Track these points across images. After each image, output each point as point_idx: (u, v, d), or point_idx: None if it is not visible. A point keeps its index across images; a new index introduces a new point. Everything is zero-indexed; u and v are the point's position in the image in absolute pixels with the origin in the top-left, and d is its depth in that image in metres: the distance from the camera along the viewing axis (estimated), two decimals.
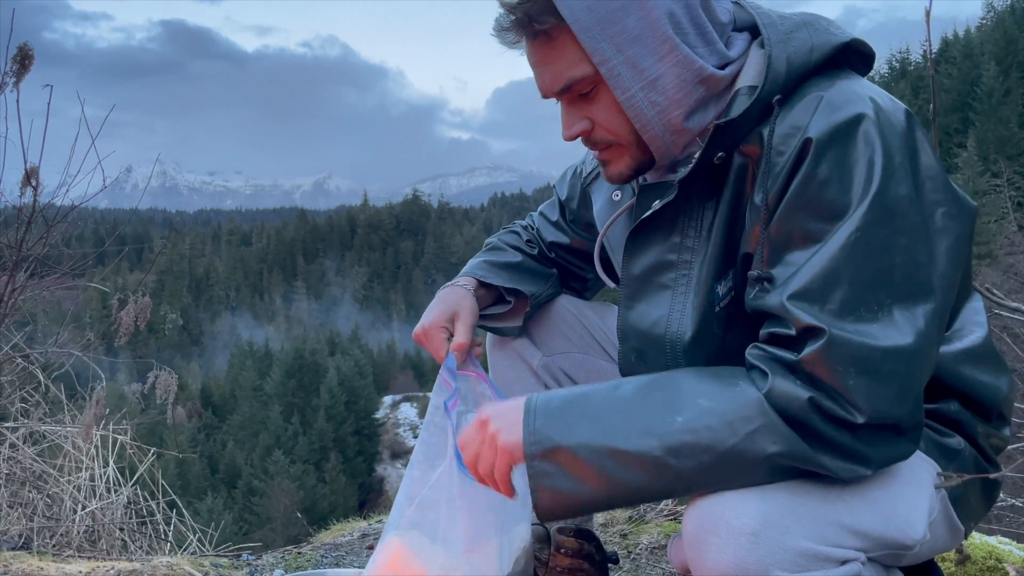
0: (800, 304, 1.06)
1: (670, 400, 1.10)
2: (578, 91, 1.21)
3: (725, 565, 1.07)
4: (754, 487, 1.09)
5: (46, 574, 1.84)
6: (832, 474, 1.06)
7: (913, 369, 1.05)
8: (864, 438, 1.05)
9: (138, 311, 2.39)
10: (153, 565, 1.98)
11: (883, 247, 1.06)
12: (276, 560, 2.22)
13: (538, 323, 1.65)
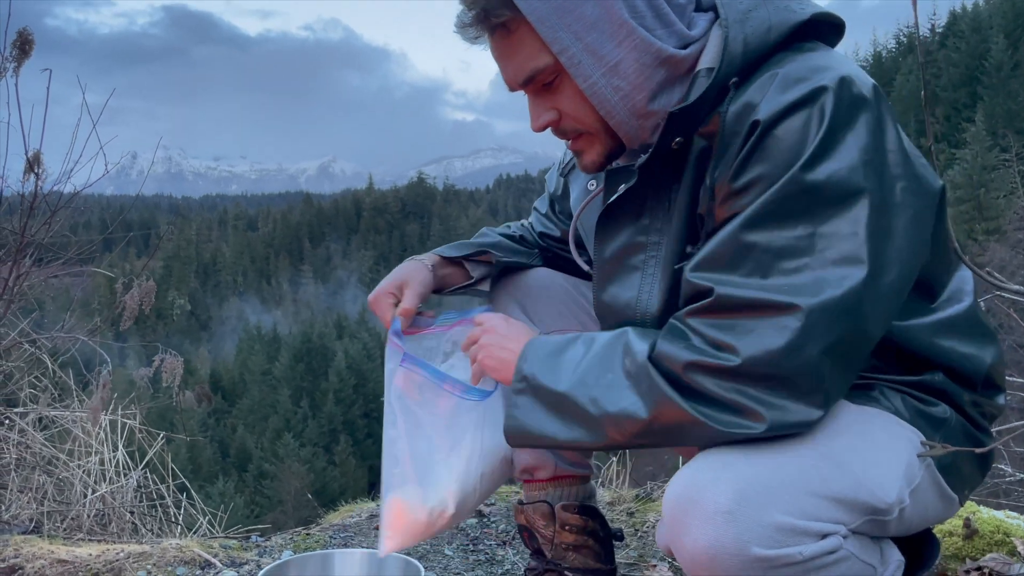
0: (697, 272, 1.12)
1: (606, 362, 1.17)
2: (541, 81, 1.22)
3: (703, 546, 1.07)
4: (729, 463, 1.09)
5: (57, 557, 1.85)
6: (721, 428, 1.08)
7: (811, 328, 1.05)
8: (749, 391, 1.07)
9: (143, 295, 2.39)
10: (163, 547, 1.99)
11: (798, 218, 1.07)
12: (285, 541, 2.23)
13: (534, 299, 1.63)
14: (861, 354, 1.12)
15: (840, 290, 1.06)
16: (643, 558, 2.15)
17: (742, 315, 1.08)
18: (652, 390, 1.11)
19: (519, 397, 1.22)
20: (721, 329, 1.09)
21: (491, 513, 2.48)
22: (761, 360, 1.06)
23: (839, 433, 1.14)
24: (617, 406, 1.13)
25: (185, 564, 1.94)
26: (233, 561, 2.00)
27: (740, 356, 1.06)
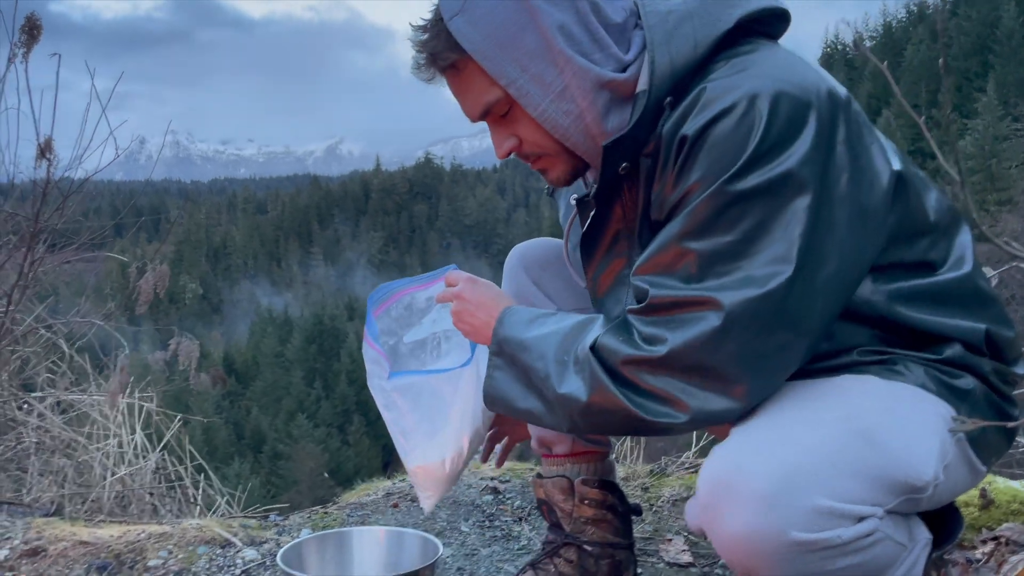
0: (638, 276, 1.19)
1: (566, 343, 1.23)
2: (497, 113, 1.28)
3: (741, 530, 1.08)
4: (765, 445, 1.11)
5: (79, 538, 1.88)
6: (646, 417, 1.14)
7: (731, 324, 1.10)
8: (675, 382, 1.13)
9: (156, 279, 2.40)
10: (183, 528, 2.01)
11: (729, 225, 1.11)
12: (303, 520, 2.25)
13: (552, 276, 1.63)
14: (795, 350, 1.15)
15: (763, 288, 1.09)
16: (658, 532, 2.16)
17: (672, 312, 1.14)
18: (592, 377, 1.17)
19: (497, 359, 1.30)
20: (655, 325, 1.15)
21: (506, 490, 2.50)
22: (684, 352, 1.12)
23: (875, 411, 1.14)
24: (565, 387, 1.20)
25: (206, 544, 1.96)
26: (253, 540, 2.02)
27: (667, 347, 1.12)
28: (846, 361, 1.21)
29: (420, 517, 2.32)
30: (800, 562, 1.09)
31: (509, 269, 1.69)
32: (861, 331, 1.22)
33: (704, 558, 1.99)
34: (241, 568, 1.88)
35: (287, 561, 1.46)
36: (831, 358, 1.21)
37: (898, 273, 1.22)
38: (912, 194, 1.22)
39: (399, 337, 1.58)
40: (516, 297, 1.65)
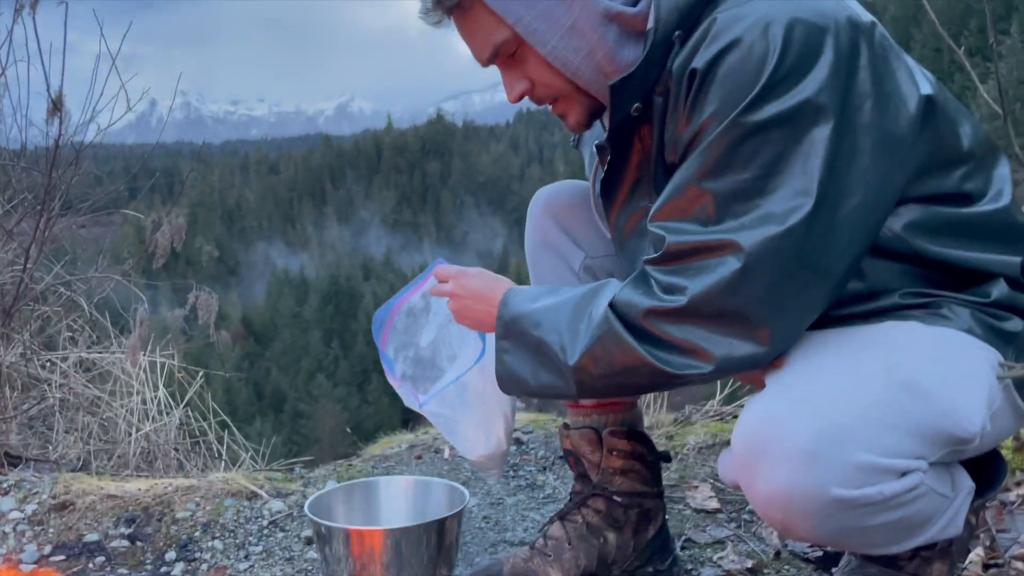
0: (654, 222, 1.14)
1: (579, 311, 1.19)
2: (505, 54, 1.24)
3: (779, 487, 1.05)
4: (804, 398, 1.07)
5: (106, 492, 1.89)
6: (671, 371, 1.10)
7: (752, 265, 1.05)
8: (697, 331, 1.08)
9: (173, 232, 2.39)
10: (209, 480, 2.02)
11: (746, 161, 1.06)
12: (328, 472, 2.26)
13: (580, 222, 1.58)
14: (820, 288, 1.10)
15: (783, 225, 1.04)
16: (684, 479, 2.15)
17: (691, 259, 1.09)
18: (612, 336, 1.13)
19: (504, 342, 1.26)
20: (674, 274, 1.10)
21: (530, 440, 2.49)
22: (705, 298, 1.07)
23: (919, 360, 1.09)
24: (583, 353, 1.15)
25: (232, 496, 1.96)
26: (279, 492, 2.03)
27: (687, 295, 1.08)
28: (887, 304, 1.16)
29: (444, 468, 2.32)
30: (840, 518, 1.06)
31: (534, 215, 1.63)
32: (895, 268, 1.17)
33: (731, 504, 1.98)
34: (268, 519, 1.89)
35: (315, 510, 1.46)
36: (870, 301, 1.16)
37: (932, 205, 1.16)
38: (944, 121, 1.16)
39: (416, 345, 1.57)
40: (542, 244, 1.61)
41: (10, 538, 1.73)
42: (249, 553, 1.75)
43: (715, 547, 1.77)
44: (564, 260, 1.58)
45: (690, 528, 1.85)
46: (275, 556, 1.75)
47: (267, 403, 45.49)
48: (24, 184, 2.40)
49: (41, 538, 1.74)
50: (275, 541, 1.81)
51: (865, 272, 1.16)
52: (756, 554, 1.71)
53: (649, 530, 1.56)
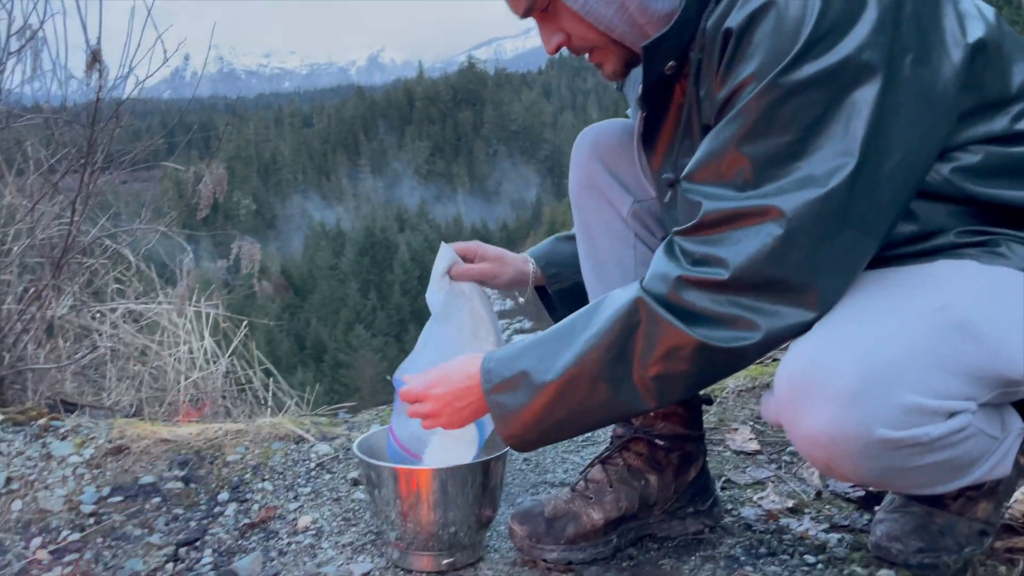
0: (689, 186, 1.12)
1: (587, 317, 1.17)
2: (539, 8, 1.23)
3: (823, 428, 1.05)
4: (851, 338, 1.06)
5: (159, 436, 1.95)
6: (720, 345, 1.06)
7: (794, 231, 1.02)
8: (741, 302, 1.05)
9: (215, 184, 2.42)
10: (258, 425, 2.07)
11: (785, 123, 1.03)
12: (372, 417, 2.30)
13: (628, 163, 1.53)
14: (864, 247, 1.07)
15: (825, 187, 1.01)
16: (724, 422, 2.15)
17: (728, 227, 1.06)
18: (650, 319, 1.10)
19: (496, 396, 1.22)
20: (710, 244, 1.07)
21: None
22: (749, 268, 1.04)
23: (973, 299, 1.07)
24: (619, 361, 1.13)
25: (280, 440, 2.02)
26: (325, 436, 2.08)
27: (729, 268, 1.05)
28: (942, 244, 1.13)
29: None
30: (885, 459, 1.06)
31: (580, 156, 1.59)
32: (948, 209, 1.14)
33: (771, 446, 1.98)
34: (315, 462, 1.94)
35: (363, 450, 1.49)
36: (924, 241, 1.14)
37: (983, 146, 1.13)
38: (996, 64, 1.12)
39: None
40: (588, 187, 1.57)
41: (70, 480, 1.80)
42: (298, 494, 1.81)
43: (755, 488, 1.78)
44: (611, 205, 1.55)
45: (730, 469, 1.86)
46: (323, 496, 1.80)
47: (308, 353, 46.38)
48: (66, 138, 2.44)
49: (99, 480, 1.81)
50: (323, 482, 1.86)
51: (917, 214, 1.14)
52: (796, 494, 1.72)
53: (690, 472, 1.57)
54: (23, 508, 1.72)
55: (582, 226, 1.59)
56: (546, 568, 1.48)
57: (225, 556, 1.60)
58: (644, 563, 1.50)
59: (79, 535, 1.67)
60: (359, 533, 1.64)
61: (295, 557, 1.57)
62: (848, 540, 1.52)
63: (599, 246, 1.56)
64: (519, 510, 1.54)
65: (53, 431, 1.91)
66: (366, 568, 1.49)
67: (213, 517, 1.74)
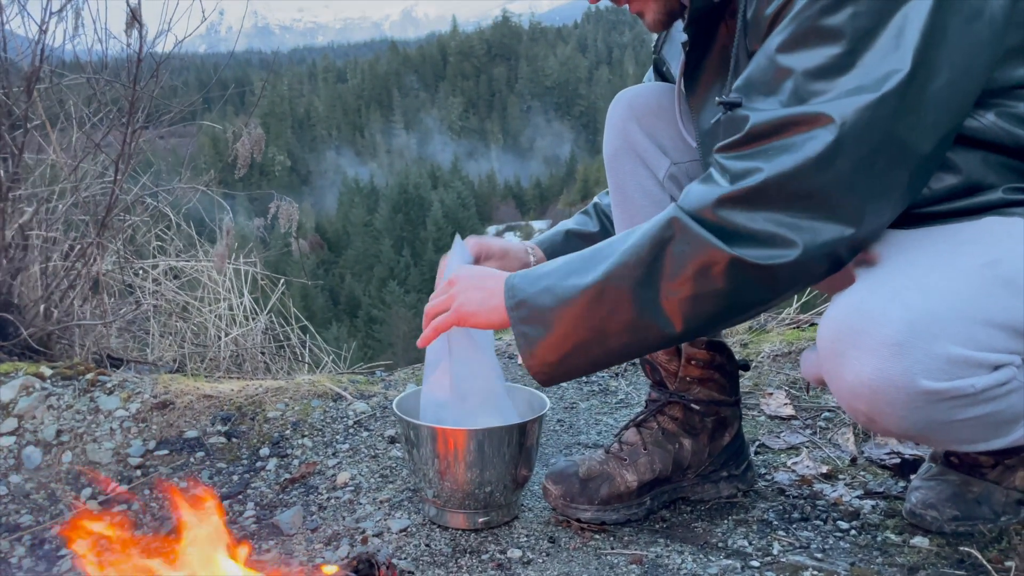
0: (733, 96, 1.10)
1: (617, 241, 1.15)
2: None
3: (867, 378, 1.04)
4: (896, 290, 1.04)
5: (202, 392, 2.00)
6: (755, 262, 1.04)
7: (843, 138, 1.00)
8: (777, 217, 1.03)
9: (253, 143, 2.43)
10: (297, 383, 2.11)
11: (835, 35, 1.01)
12: (408, 375, 2.33)
13: (666, 125, 1.52)
14: (907, 167, 1.04)
15: (877, 92, 0.98)
16: (758, 386, 2.15)
17: (775, 138, 1.04)
18: (684, 235, 1.07)
19: (531, 324, 1.19)
20: (753, 157, 1.05)
21: None
22: (791, 177, 1.02)
23: (1021, 256, 1.06)
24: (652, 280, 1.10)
25: (319, 397, 2.06)
26: (362, 394, 2.11)
27: (764, 174, 1.03)
28: (991, 200, 1.11)
29: (519, 373, 2.38)
30: (928, 411, 1.05)
31: (616, 120, 1.57)
32: (993, 160, 1.11)
33: (806, 411, 1.98)
34: (353, 419, 1.98)
35: (402, 409, 1.52)
36: (970, 196, 1.12)
37: None
38: None
39: None
40: (624, 149, 1.56)
41: (116, 434, 1.85)
42: (337, 451, 1.85)
43: (789, 453, 1.78)
44: (647, 168, 1.54)
45: (764, 434, 1.86)
46: (361, 454, 1.84)
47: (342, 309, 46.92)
48: (108, 97, 2.46)
49: (145, 434, 1.86)
50: (360, 440, 1.89)
51: (959, 165, 1.11)
52: (831, 460, 1.72)
53: (725, 437, 1.58)
54: (73, 460, 1.78)
55: (617, 189, 1.58)
56: (579, 528, 1.50)
57: (267, 509, 1.64)
58: (677, 525, 1.52)
59: (127, 487, 1.72)
60: (396, 490, 1.68)
61: (334, 512, 1.61)
62: (882, 507, 1.52)
63: (634, 210, 1.55)
64: (553, 470, 1.56)
65: (100, 386, 1.97)
66: (403, 524, 1.52)
67: (255, 472, 1.78)
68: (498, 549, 1.43)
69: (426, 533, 1.50)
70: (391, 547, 1.45)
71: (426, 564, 1.39)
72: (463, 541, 1.47)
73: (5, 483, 1.71)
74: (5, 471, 1.74)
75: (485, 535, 1.48)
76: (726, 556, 1.38)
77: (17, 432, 1.82)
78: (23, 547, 1.57)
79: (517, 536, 1.48)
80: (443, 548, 1.44)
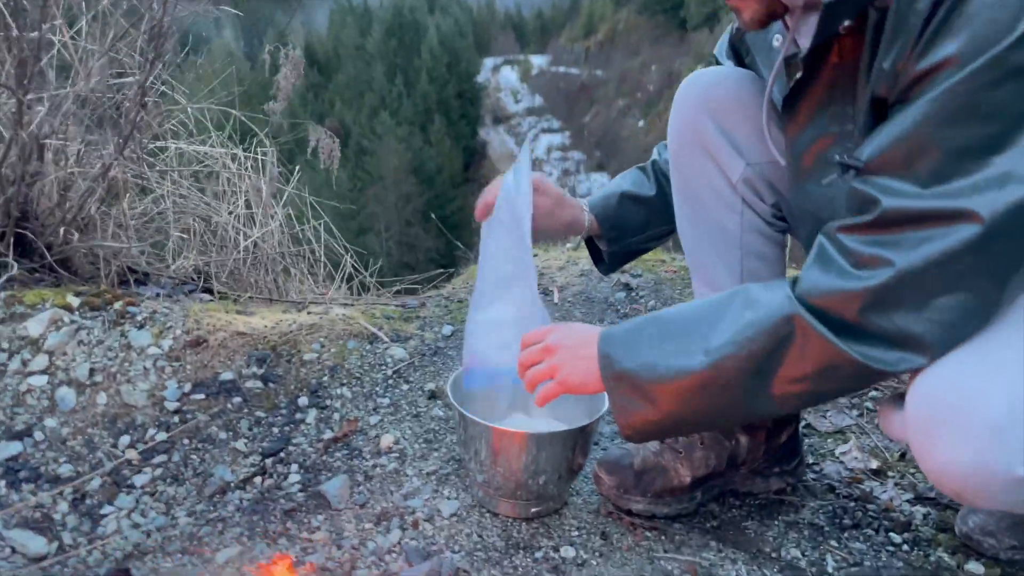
0: (864, 177, 1.00)
1: (720, 313, 1.10)
2: None
3: (962, 462, 1.00)
4: (998, 369, 0.98)
5: (235, 329, 1.93)
6: (883, 369, 0.99)
7: (990, 235, 0.92)
8: (909, 314, 0.96)
9: (292, 67, 2.22)
10: (331, 319, 2.05)
11: (997, 110, 0.90)
12: (440, 311, 2.26)
13: (743, 120, 1.39)
14: None
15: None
16: None
17: (908, 228, 0.95)
18: (808, 341, 1.01)
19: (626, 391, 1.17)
20: (879, 245, 0.97)
21: (639, 286, 2.45)
22: (928, 275, 0.94)
23: None
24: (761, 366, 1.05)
25: (354, 337, 2.00)
26: (398, 336, 2.06)
27: (896, 268, 0.95)
28: None
29: (553, 313, 2.32)
30: (1020, 493, 1.02)
31: (686, 108, 1.43)
32: None
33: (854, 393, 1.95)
34: (392, 368, 1.93)
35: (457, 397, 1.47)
36: None
37: None
38: None
39: None
40: (694, 144, 1.42)
41: (151, 374, 1.80)
42: (377, 405, 1.81)
43: (836, 437, 1.77)
44: (719, 169, 1.41)
45: (810, 414, 1.84)
46: (402, 411, 1.80)
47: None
48: None
49: (180, 375, 1.81)
50: (400, 394, 1.86)
51: None
52: (879, 452, 1.71)
53: (782, 436, 1.55)
54: (108, 402, 1.74)
55: (682, 181, 1.47)
56: (630, 523, 1.50)
57: (312, 473, 1.63)
58: (727, 524, 1.52)
59: (165, 435, 1.69)
60: (441, 459, 1.66)
61: (381, 484, 1.59)
62: (933, 518, 1.52)
63: (701, 207, 1.45)
64: (607, 459, 1.54)
65: (130, 318, 1.90)
66: (453, 508, 1.51)
67: (295, 424, 1.75)
68: (551, 545, 1.43)
69: (476, 520, 1.49)
70: (443, 535, 1.45)
71: (481, 561, 1.39)
72: (514, 532, 1.46)
73: (41, 428, 1.67)
74: (40, 414, 1.70)
75: (536, 526, 1.48)
76: (780, 570, 1.39)
77: (49, 371, 1.76)
78: (65, 502, 1.56)
79: (568, 529, 1.48)
80: (495, 541, 1.44)
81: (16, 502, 1.54)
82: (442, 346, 2.05)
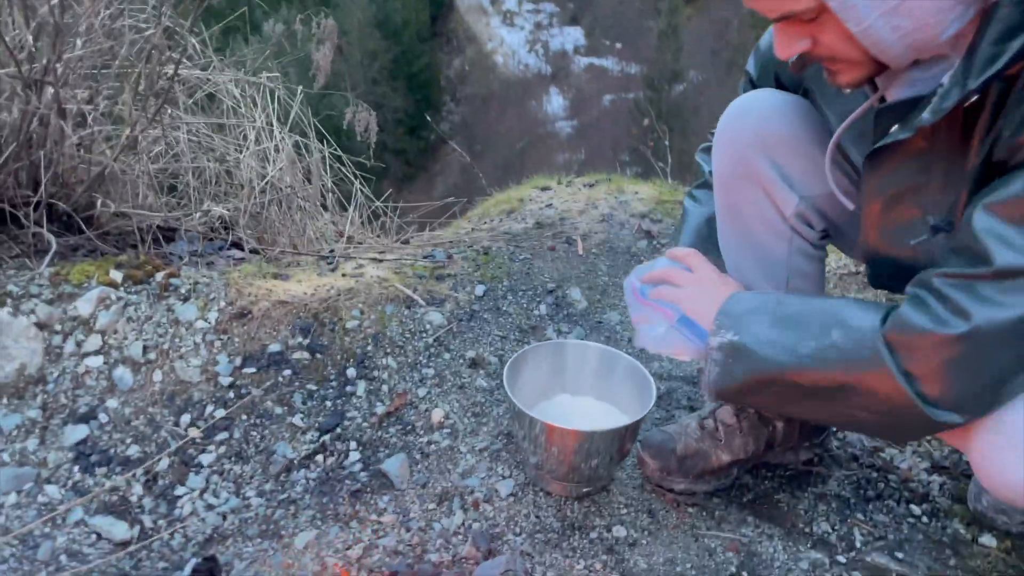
0: (981, 228, 1.00)
1: (818, 321, 1.15)
2: (802, 20, 1.06)
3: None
4: None
5: (277, 298, 1.96)
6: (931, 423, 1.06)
7: None
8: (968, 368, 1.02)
9: (326, 36, 2.12)
10: (367, 284, 2.08)
11: None
12: (470, 267, 2.29)
13: (798, 156, 1.40)
14: None
15: None
16: None
17: (1016, 280, 0.98)
18: (880, 375, 1.07)
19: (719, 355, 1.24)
20: (976, 298, 1.00)
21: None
22: (990, 331, 0.99)
23: None
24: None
25: (391, 302, 2.04)
26: (432, 298, 2.10)
27: (970, 323, 0.99)
28: None
29: (578, 264, 2.37)
30: None
31: (738, 142, 1.42)
32: None
33: None
34: (431, 335, 1.99)
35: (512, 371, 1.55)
36: None
37: None
38: None
39: None
40: (745, 176, 1.44)
41: (201, 349, 1.84)
42: (423, 376, 1.89)
43: None
44: (772, 203, 1.44)
45: None
46: (447, 383, 1.88)
47: None
48: None
49: (229, 348, 1.86)
50: (443, 363, 1.93)
51: None
52: None
53: None
54: (164, 380, 1.79)
55: (731, 209, 1.49)
56: (673, 500, 1.62)
57: (370, 450, 1.72)
58: (761, 496, 1.65)
59: (224, 411, 1.76)
60: (491, 435, 1.76)
61: (438, 462, 1.69)
62: (949, 488, 1.67)
63: (748, 231, 1.48)
64: (650, 442, 1.65)
65: (174, 291, 1.92)
66: (509, 487, 1.62)
67: (346, 397, 1.83)
68: (603, 525, 1.55)
69: (531, 500, 1.60)
70: (503, 516, 1.56)
71: (541, 544, 1.51)
72: (568, 512, 1.58)
73: (104, 409, 1.73)
74: (100, 395, 1.75)
75: (587, 505, 1.60)
76: (812, 546, 1.53)
77: (103, 351, 1.79)
78: (139, 484, 1.64)
79: (617, 507, 1.60)
80: (552, 522, 1.56)
81: (93, 487, 1.62)
82: (476, 309, 2.11)
